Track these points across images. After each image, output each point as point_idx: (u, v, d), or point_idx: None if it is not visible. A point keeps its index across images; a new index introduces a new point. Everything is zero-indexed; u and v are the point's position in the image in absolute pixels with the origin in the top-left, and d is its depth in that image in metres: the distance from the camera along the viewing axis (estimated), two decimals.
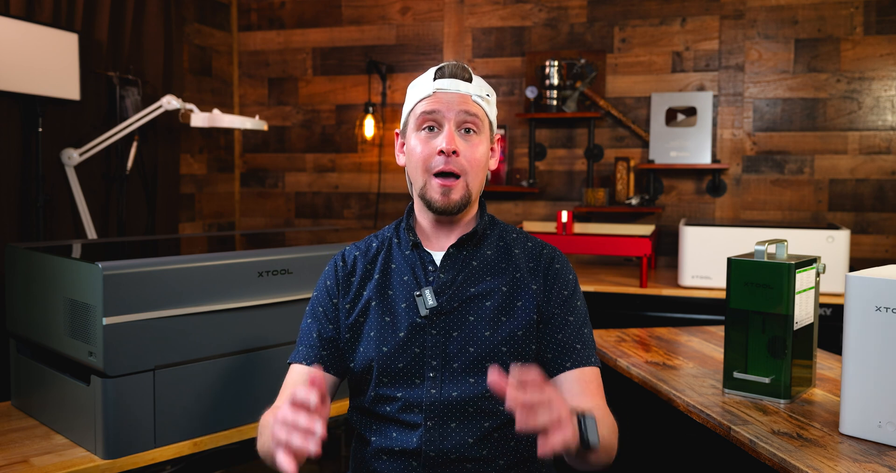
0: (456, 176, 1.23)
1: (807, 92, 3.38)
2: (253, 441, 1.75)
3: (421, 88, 1.27)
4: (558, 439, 0.91)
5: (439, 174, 1.23)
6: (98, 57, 2.96)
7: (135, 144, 3.08)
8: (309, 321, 1.32)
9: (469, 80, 1.27)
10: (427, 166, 1.24)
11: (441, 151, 1.22)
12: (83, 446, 1.55)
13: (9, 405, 1.81)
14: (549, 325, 1.26)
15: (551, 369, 1.25)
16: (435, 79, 1.26)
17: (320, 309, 1.31)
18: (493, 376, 0.92)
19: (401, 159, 1.33)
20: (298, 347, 1.31)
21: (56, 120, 2.76)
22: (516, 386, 0.91)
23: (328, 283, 1.32)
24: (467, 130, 1.25)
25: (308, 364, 1.28)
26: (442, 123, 1.24)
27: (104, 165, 3.05)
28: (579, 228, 3.47)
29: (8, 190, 2.60)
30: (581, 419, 1.04)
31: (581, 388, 1.23)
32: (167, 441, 1.59)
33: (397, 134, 1.35)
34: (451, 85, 1.25)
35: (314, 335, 1.29)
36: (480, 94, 1.27)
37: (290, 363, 1.31)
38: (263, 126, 3.07)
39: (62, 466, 1.45)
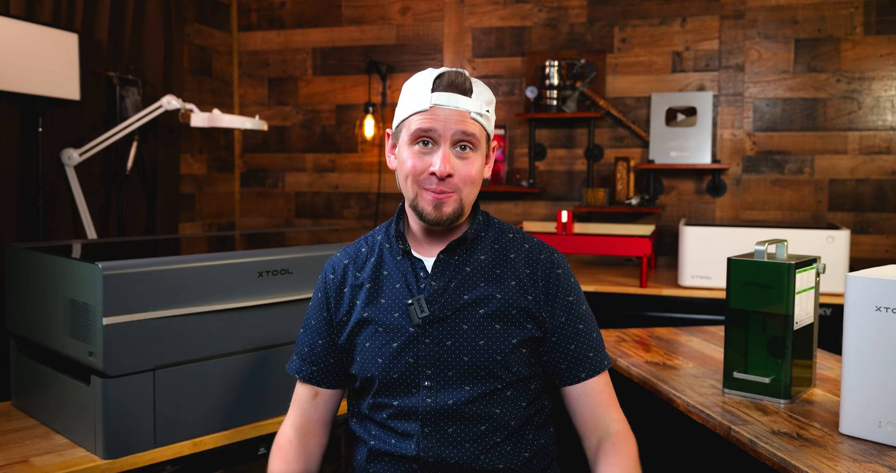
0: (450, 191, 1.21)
1: (807, 92, 3.38)
2: (252, 441, 1.75)
3: (417, 99, 1.20)
4: None
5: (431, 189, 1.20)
6: (98, 57, 2.96)
7: (135, 144, 3.08)
8: (302, 331, 1.36)
9: (469, 92, 1.20)
10: (418, 180, 1.20)
11: (433, 173, 1.18)
12: (83, 446, 1.54)
13: (9, 406, 1.80)
14: (560, 335, 1.25)
15: (566, 379, 1.25)
16: (433, 90, 1.19)
17: (312, 322, 1.34)
18: None
19: (391, 161, 1.29)
20: (294, 356, 1.37)
21: (56, 120, 2.76)
22: None
23: (319, 296, 1.34)
24: (463, 147, 1.20)
25: (304, 380, 1.34)
26: (438, 141, 1.19)
27: (104, 165, 3.05)
28: (579, 228, 3.47)
29: (8, 190, 2.60)
30: None
31: (597, 401, 1.25)
32: (167, 441, 1.58)
33: (388, 134, 1.31)
34: (450, 100, 1.18)
35: (305, 349, 1.34)
36: (480, 110, 1.20)
37: (289, 372, 1.37)
38: (263, 126, 3.07)
39: (62, 466, 1.45)
